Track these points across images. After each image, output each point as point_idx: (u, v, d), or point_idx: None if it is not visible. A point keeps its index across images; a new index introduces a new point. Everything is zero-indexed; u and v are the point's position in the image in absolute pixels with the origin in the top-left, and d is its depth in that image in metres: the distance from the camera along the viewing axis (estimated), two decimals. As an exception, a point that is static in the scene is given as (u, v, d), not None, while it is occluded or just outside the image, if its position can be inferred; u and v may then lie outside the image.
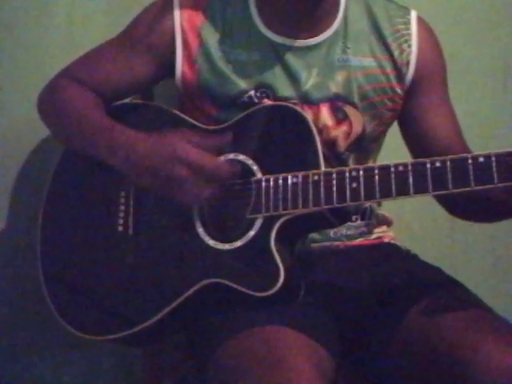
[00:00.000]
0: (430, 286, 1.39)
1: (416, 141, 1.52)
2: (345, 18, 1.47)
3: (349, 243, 1.51)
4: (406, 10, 1.51)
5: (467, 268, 1.98)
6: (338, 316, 1.39)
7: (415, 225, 1.99)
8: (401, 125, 1.54)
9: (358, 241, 1.53)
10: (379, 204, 1.58)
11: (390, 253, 1.53)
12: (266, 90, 1.44)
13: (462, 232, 2.02)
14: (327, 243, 1.49)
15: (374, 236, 1.55)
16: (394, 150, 1.56)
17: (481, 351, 1.22)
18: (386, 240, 1.57)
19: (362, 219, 1.53)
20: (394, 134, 1.57)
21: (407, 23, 1.49)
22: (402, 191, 1.26)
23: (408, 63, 1.48)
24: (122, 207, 1.43)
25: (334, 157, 1.46)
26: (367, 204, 1.53)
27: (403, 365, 1.32)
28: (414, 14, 1.50)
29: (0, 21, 1.74)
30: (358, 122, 1.47)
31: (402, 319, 1.34)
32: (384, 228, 1.58)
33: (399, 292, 1.39)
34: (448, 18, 1.95)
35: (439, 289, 1.38)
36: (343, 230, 1.50)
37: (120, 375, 1.92)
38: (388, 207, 1.63)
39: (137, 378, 1.81)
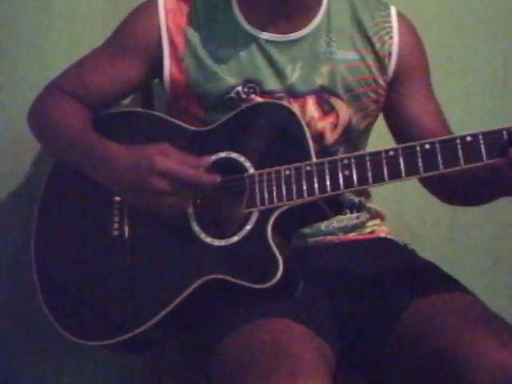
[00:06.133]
0: (425, 283, 1.40)
1: (400, 129, 1.55)
2: (327, 11, 1.50)
3: (343, 237, 1.53)
4: (386, 5, 1.54)
5: (467, 268, 1.98)
6: (336, 311, 1.39)
7: (415, 224, 1.99)
8: (385, 115, 1.57)
9: (352, 235, 1.54)
10: (368, 198, 1.59)
11: (386, 248, 1.54)
12: (253, 84, 1.46)
13: (462, 232, 2.02)
14: (320, 238, 1.51)
15: (367, 230, 1.56)
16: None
17: (477, 349, 1.22)
18: (382, 235, 1.58)
19: (352, 213, 1.54)
20: (379, 131, 1.59)
21: (388, 16, 1.52)
22: (394, 174, 1.28)
23: (390, 54, 1.51)
24: (117, 211, 1.43)
25: (323, 151, 1.46)
26: (356, 198, 1.54)
27: (400, 361, 1.32)
28: (393, 9, 1.54)
29: (0, 21, 1.74)
30: (345, 113, 1.49)
31: (398, 316, 1.34)
32: (377, 221, 1.59)
33: (395, 288, 1.40)
34: (448, 19, 1.95)
35: (435, 285, 1.39)
36: (334, 223, 1.51)
37: (120, 375, 1.92)
38: (388, 207, 1.63)
39: (137, 378, 1.81)
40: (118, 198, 1.43)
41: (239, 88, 1.46)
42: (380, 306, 1.38)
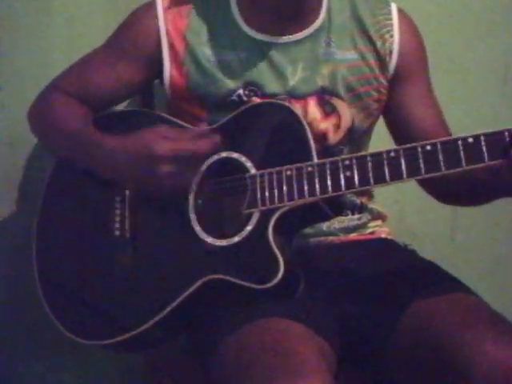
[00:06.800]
0: (426, 283, 1.40)
1: (399, 129, 1.54)
2: (328, 12, 1.50)
3: (344, 238, 1.53)
4: (387, 2, 1.54)
5: (468, 268, 1.98)
6: (336, 311, 1.39)
7: (415, 225, 1.99)
8: (384, 113, 1.56)
9: (353, 235, 1.54)
10: (370, 198, 1.59)
11: (387, 248, 1.54)
12: (254, 87, 1.46)
13: (462, 232, 2.02)
14: (322, 238, 1.51)
15: (368, 230, 1.56)
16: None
17: (478, 349, 1.22)
18: (383, 235, 1.58)
19: (353, 214, 1.54)
20: (379, 131, 1.59)
21: (388, 14, 1.52)
22: (396, 175, 1.28)
23: (391, 52, 1.50)
24: (118, 211, 1.43)
25: (326, 151, 1.46)
26: (357, 199, 1.55)
27: (401, 361, 1.32)
28: (394, 6, 1.53)
29: (0, 21, 1.74)
30: (347, 114, 1.49)
31: (399, 316, 1.34)
32: (378, 222, 1.59)
33: (395, 288, 1.40)
34: (448, 19, 1.95)
35: (436, 285, 1.38)
36: (335, 223, 1.51)
37: (120, 375, 1.92)
38: (387, 207, 1.63)
39: (137, 378, 1.81)
40: (118, 198, 1.43)
41: (240, 91, 1.46)
42: (381, 306, 1.38)
